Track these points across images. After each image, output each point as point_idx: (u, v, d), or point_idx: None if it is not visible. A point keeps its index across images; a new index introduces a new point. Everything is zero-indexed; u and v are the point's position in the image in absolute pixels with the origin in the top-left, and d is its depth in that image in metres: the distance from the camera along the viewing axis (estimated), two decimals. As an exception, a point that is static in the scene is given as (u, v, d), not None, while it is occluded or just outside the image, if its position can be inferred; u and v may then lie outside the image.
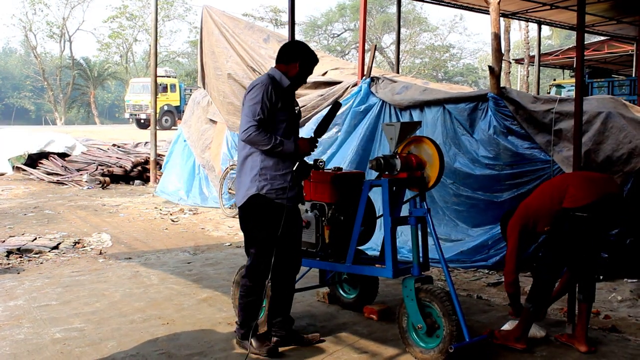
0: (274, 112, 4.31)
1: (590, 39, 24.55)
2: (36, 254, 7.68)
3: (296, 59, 4.49)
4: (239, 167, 4.51)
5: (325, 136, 9.02)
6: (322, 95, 9.38)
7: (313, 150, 4.49)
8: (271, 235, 4.36)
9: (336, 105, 4.75)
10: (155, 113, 14.88)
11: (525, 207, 4.78)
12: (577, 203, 4.40)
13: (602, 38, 23.16)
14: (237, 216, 4.74)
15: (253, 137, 4.24)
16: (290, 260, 4.61)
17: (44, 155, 16.09)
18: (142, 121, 34.80)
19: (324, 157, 8.62)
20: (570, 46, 26.57)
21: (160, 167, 14.40)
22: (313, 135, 4.54)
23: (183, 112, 19.94)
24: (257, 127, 4.22)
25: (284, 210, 4.34)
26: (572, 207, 4.41)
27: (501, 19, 14.75)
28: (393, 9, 46.06)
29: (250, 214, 4.42)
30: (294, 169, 4.33)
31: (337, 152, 8.77)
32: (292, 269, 4.70)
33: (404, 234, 7.14)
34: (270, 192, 4.34)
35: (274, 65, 4.60)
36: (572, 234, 4.47)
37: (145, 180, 15.00)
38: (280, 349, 4.54)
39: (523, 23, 28.30)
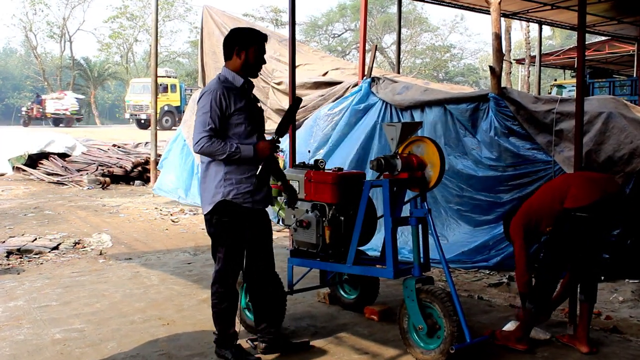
0: (228, 117, 4.14)
1: (591, 39, 24.52)
2: (36, 254, 7.67)
3: (232, 48, 4.27)
4: (202, 173, 4.35)
5: (320, 134, 8.97)
6: (322, 95, 9.38)
7: (275, 152, 4.29)
8: (239, 239, 4.26)
9: (297, 101, 4.62)
10: (156, 113, 14.86)
11: (527, 206, 4.78)
12: (578, 203, 4.40)
13: (603, 38, 23.15)
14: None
15: (206, 149, 4.06)
16: (260, 264, 4.45)
17: (44, 155, 16.09)
18: (143, 121, 34.82)
19: (319, 155, 8.60)
20: (571, 46, 26.59)
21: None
22: (275, 136, 4.32)
23: (183, 112, 19.96)
24: (210, 137, 4.05)
25: (251, 214, 4.25)
26: (573, 207, 4.41)
27: (502, 19, 14.74)
28: (394, 9, 46.05)
29: (217, 220, 4.25)
30: (257, 173, 4.18)
31: (336, 151, 8.75)
32: (264, 273, 4.51)
33: (405, 234, 7.13)
34: (237, 196, 4.19)
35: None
36: (572, 234, 4.46)
37: (146, 181, 14.99)
38: (271, 355, 4.49)
39: (524, 23, 28.26)
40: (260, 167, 4.20)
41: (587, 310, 4.63)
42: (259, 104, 4.49)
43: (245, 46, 4.25)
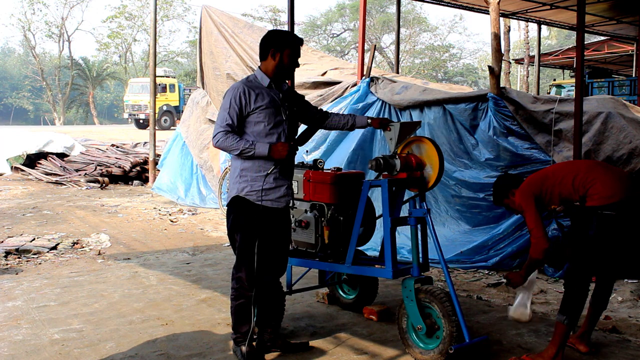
0: (247, 115, 4.21)
1: (590, 39, 24.55)
2: (35, 254, 7.66)
3: (268, 50, 4.32)
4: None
5: (319, 134, 8.96)
6: (321, 95, 9.37)
7: (291, 156, 4.33)
8: (252, 237, 4.26)
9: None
10: (154, 113, 14.85)
11: (542, 177, 4.47)
12: (605, 201, 4.14)
13: (602, 38, 23.18)
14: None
15: (221, 143, 4.20)
16: (272, 264, 4.43)
17: (43, 155, 16.05)
18: (141, 121, 34.82)
19: (317, 153, 8.59)
20: (570, 46, 26.59)
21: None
22: (294, 142, 4.38)
23: (182, 112, 19.92)
24: (225, 132, 4.17)
25: (265, 213, 4.26)
26: (600, 205, 4.15)
27: (501, 19, 14.75)
28: (393, 8, 46.08)
29: (231, 215, 4.35)
30: (268, 172, 4.22)
31: (335, 151, 8.74)
32: (274, 274, 4.53)
33: (404, 234, 7.13)
34: (250, 193, 4.25)
35: None
36: (601, 234, 4.18)
37: (144, 181, 14.98)
38: (270, 355, 4.49)
39: (523, 23, 28.28)
40: (273, 167, 4.22)
41: (595, 314, 4.58)
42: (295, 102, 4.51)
43: (280, 48, 4.30)
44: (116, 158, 15.90)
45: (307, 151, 8.21)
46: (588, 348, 4.55)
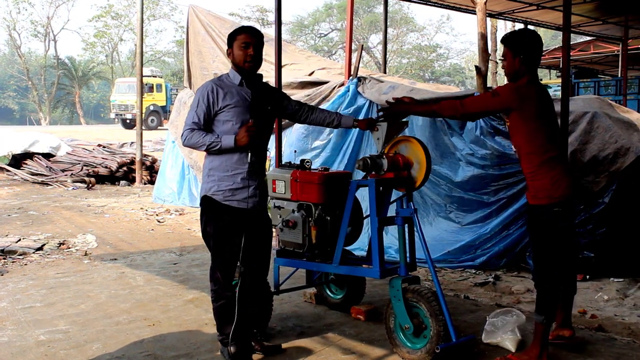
0: (215, 114, 4.16)
1: (576, 39, 24.67)
2: (20, 255, 7.61)
3: (228, 47, 4.31)
4: None
5: (313, 141, 8.95)
6: (309, 95, 9.36)
7: (254, 138, 4.11)
8: (223, 237, 4.21)
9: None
10: (141, 113, 14.79)
11: (533, 109, 4.31)
12: (554, 200, 4.23)
13: (588, 38, 23.26)
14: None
15: (188, 141, 4.16)
16: (252, 265, 4.33)
17: (28, 155, 15.97)
18: (128, 121, 34.70)
19: (319, 161, 8.56)
20: (557, 46, 26.68)
21: (147, 168, 14.37)
22: (250, 119, 4.16)
23: (169, 112, 19.90)
24: (191, 130, 4.14)
25: (233, 213, 4.18)
26: (549, 204, 4.23)
27: (488, 19, 14.80)
28: (380, 8, 46.08)
29: (203, 216, 4.30)
30: (236, 172, 4.14)
31: (331, 155, 8.73)
32: (255, 276, 4.41)
33: (391, 234, 7.13)
34: (217, 193, 4.17)
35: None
36: (551, 228, 4.25)
37: (131, 181, 14.94)
38: (256, 356, 4.47)
39: (510, 23, 28.37)
40: (241, 166, 4.15)
41: (567, 300, 4.61)
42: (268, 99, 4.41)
43: (230, 44, 4.30)
44: (103, 158, 15.82)
45: (295, 151, 8.19)
46: (572, 331, 4.59)
